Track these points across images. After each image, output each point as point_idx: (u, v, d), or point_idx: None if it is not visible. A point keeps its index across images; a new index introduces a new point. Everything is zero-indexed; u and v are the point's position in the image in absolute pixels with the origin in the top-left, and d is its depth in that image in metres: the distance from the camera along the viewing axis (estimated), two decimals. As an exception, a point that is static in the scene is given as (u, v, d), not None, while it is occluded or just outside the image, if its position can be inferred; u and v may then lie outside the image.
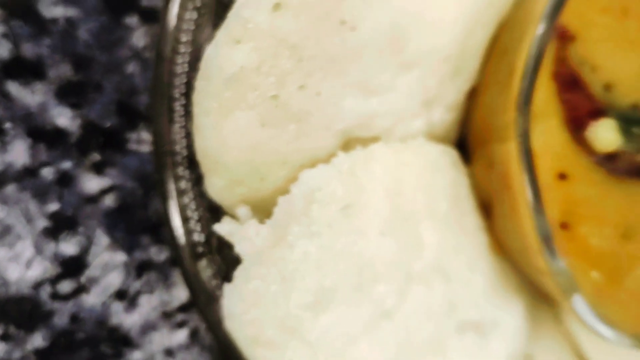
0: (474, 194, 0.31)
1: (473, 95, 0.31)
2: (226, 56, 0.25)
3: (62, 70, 0.30)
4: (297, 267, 0.27)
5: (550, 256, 0.25)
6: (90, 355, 0.31)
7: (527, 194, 0.25)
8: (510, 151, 0.26)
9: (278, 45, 0.25)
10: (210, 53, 0.25)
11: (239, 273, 0.28)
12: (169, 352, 0.32)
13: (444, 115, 0.30)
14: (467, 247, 0.30)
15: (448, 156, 0.30)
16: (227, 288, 0.28)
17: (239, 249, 0.27)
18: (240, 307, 0.28)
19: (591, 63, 0.27)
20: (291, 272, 0.27)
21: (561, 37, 0.26)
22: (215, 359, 0.33)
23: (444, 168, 0.30)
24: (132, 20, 0.31)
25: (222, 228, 0.28)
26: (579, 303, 0.26)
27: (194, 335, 0.33)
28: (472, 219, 0.31)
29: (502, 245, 0.31)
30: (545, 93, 0.26)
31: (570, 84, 0.26)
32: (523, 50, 0.25)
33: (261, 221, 0.28)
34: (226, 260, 0.30)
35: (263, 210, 0.28)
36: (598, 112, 0.27)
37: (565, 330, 0.34)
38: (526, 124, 0.25)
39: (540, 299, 0.33)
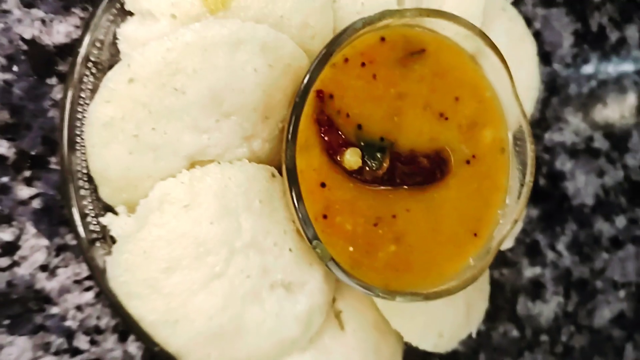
0: (285, 195, 0.46)
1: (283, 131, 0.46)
2: (101, 110, 0.40)
3: (1, 115, 0.44)
4: (154, 244, 0.42)
5: (309, 236, 0.40)
6: (21, 309, 0.45)
7: (292, 197, 0.40)
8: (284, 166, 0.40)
9: (134, 103, 0.40)
10: (92, 108, 0.40)
11: (114, 249, 0.42)
12: (79, 308, 0.47)
13: (263, 145, 0.45)
14: (276, 231, 0.45)
15: (264, 171, 0.45)
16: (108, 260, 0.43)
17: (114, 232, 0.42)
18: (117, 272, 0.42)
19: (345, 111, 0.42)
20: (150, 248, 0.42)
21: (320, 97, 0.41)
22: (112, 309, 0.47)
23: (260, 179, 0.44)
24: (52, 80, 0.46)
25: (105, 220, 0.43)
26: (333, 267, 0.41)
27: (97, 295, 0.47)
28: (282, 212, 0.45)
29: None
30: (308, 132, 0.41)
31: (327, 125, 0.41)
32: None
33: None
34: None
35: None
36: (347, 143, 0.42)
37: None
38: (292, 152, 0.39)
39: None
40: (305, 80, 0.39)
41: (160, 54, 0.38)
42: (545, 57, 0.69)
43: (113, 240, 0.44)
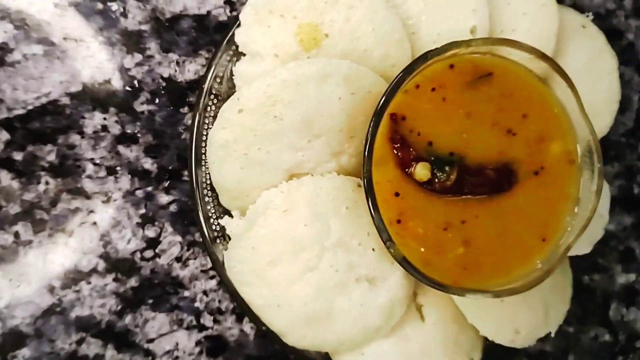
0: (368, 203, 0.53)
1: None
2: (218, 135, 0.50)
3: (146, 138, 0.56)
4: (260, 242, 0.51)
5: (383, 239, 0.47)
6: (161, 292, 0.57)
7: (369, 205, 0.47)
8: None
9: (243, 129, 0.50)
10: (211, 133, 0.51)
11: (230, 245, 0.53)
12: (205, 292, 0.58)
13: (350, 160, 0.53)
14: (360, 233, 0.52)
15: (351, 182, 0.53)
16: (225, 254, 0.53)
17: (229, 231, 0.52)
18: (231, 264, 0.53)
19: (417, 131, 0.49)
20: (256, 244, 0.51)
21: (393, 119, 0.48)
22: (230, 295, 0.57)
23: (346, 188, 0.52)
24: (185, 109, 0.57)
25: (222, 221, 0.53)
26: (404, 265, 0.48)
27: (219, 283, 0.58)
28: (365, 218, 0.53)
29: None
30: (383, 149, 0.48)
31: (400, 143, 0.48)
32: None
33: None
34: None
35: (246, 212, 0.53)
36: (417, 158, 0.49)
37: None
38: (369, 168, 0.47)
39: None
40: (379, 105, 0.47)
41: (262, 89, 0.48)
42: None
43: (230, 238, 0.54)
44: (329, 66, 0.48)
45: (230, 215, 0.54)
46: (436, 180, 0.49)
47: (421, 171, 0.48)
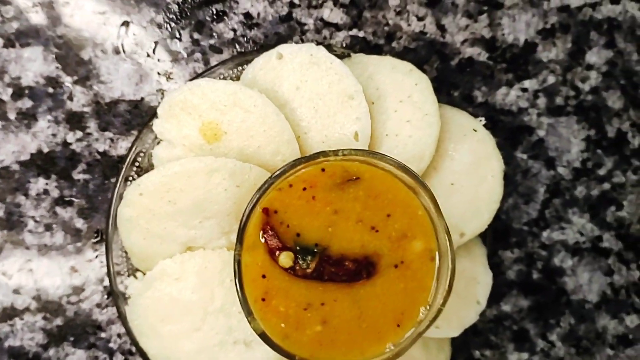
0: (251, 277, 0.62)
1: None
2: (124, 211, 0.60)
3: (80, 202, 0.67)
4: (155, 302, 0.61)
5: (247, 315, 0.56)
6: (81, 331, 0.67)
7: (236, 284, 0.56)
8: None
9: (144, 208, 0.59)
10: (119, 209, 0.60)
11: (130, 302, 0.62)
12: (119, 335, 0.68)
13: (239, 237, 0.62)
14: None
15: (238, 257, 0.62)
16: (127, 308, 0.63)
17: (128, 291, 0.62)
18: (132, 317, 0.62)
19: (287, 223, 0.57)
20: (151, 304, 0.61)
21: (265, 212, 0.57)
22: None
23: (231, 261, 0.61)
24: (115, 179, 0.67)
25: (126, 281, 0.63)
26: (263, 339, 0.56)
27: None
28: (247, 290, 0.61)
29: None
30: (255, 237, 0.56)
31: (270, 234, 0.57)
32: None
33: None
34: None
35: (148, 275, 0.63)
36: (284, 248, 0.57)
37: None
38: (239, 252, 0.56)
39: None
40: (251, 200, 0.55)
41: (158, 178, 0.57)
42: (549, 162, 0.76)
43: (138, 293, 0.64)
44: (216, 163, 0.57)
45: (135, 276, 0.64)
46: (298, 267, 0.57)
47: (284, 259, 0.56)
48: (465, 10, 0.74)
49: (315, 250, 0.57)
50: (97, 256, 0.67)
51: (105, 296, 0.67)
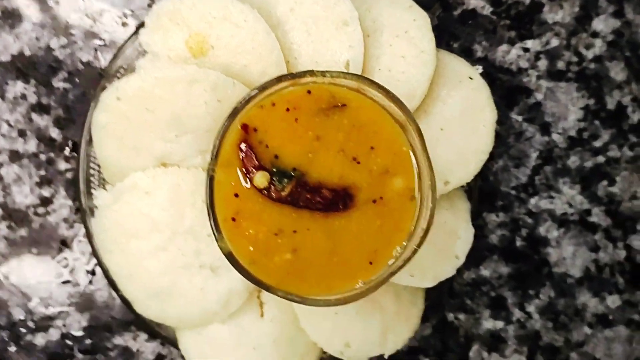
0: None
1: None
2: (98, 117, 0.57)
3: (57, 111, 0.64)
4: (122, 216, 0.58)
5: (215, 233, 0.53)
6: (45, 246, 0.65)
7: (206, 200, 0.53)
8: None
9: (120, 115, 0.56)
10: (94, 114, 0.58)
11: (96, 215, 0.60)
12: (83, 253, 0.65)
13: (216, 158, 0.60)
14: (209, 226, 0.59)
15: (213, 179, 0.59)
16: (92, 221, 0.60)
17: (96, 202, 0.59)
18: (97, 231, 0.59)
19: (265, 143, 0.55)
20: (118, 218, 0.58)
21: (244, 129, 0.54)
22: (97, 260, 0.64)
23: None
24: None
25: (95, 192, 0.60)
26: (229, 259, 0.54)
27: (97, 249, 0.65)
28: (219, 213, 0.59)
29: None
30: (231, 154, 0.54)
31: (247, 151, 0.54)
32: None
33: (111, 192, 0.60)
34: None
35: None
36: (260, 167, 0.54)
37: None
38: (213, 166, 0.53)
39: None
40: (228, 115, 0.53)
41: (138, 82, 0.55)
42: (544, 127, 0.74)
43: (107, 210, 0.61)
44: (198, 73, 0.55)
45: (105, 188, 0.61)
46: (273, 189, 0.55)
47: (259, 179, 0.54)
48: (473, -39, 0.72)
49: (293, 174, 0.55)
50: (68, 170, 0.65)
51: (74, 212, 0.65)
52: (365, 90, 0.55)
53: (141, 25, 0.60)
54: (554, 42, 0.73)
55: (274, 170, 0.55)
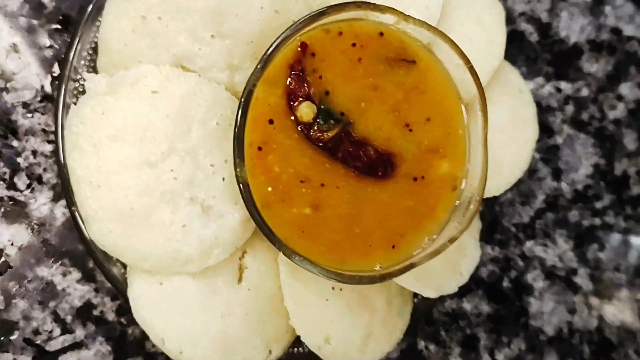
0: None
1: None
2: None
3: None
4: (113, 111, 0.46)
5: (236, 157, 0.43)
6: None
7: (238, 113, 0.43)
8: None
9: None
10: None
11: (81, 99, 0.47)
12: (34, 153, 0.51)
13: (242, 81, 0.49)
14: (218, 156, 0.48)
15: (232, 102, 0.49)
16: (72, 108, 0.48)
17: (86, 85, 0.47)
18: (74, 121, 0.47)
19: (320, 74, 0.46)
20: (108, 111, 0.46)
21: (302, 49, 0.46)
22: (56, 159, 0.50)
23: (225, 106, 0.49)
24: None
25: (85, 74, 0.48)
26: (244, 191, 0.43)
27: (55, 152, 0.52)
28: (230, 144, 0.49)
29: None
30: (279, 71, 0.45)
31: (298, 75, 0.45)
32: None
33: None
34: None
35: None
36: (307, 97, 0.45)
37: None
38: (256, 79, 0.44)
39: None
40: (293, 26, 0.44)
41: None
42: (556, 172, 0.70)
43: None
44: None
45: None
46: (316, 127, 0.46)
47: (305, 110, 0.45)
48: (534, -14, 0.69)
49: (340, 118, 0.47)
50: (50, 46, 0.52)
51: (40, 97, 0.51)
52: (440, 52, 0.49)
53: None
54: (584, 92, 0.71)
55: (322, 107, 0.46)
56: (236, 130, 0.43)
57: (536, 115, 0.60)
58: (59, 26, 0.52)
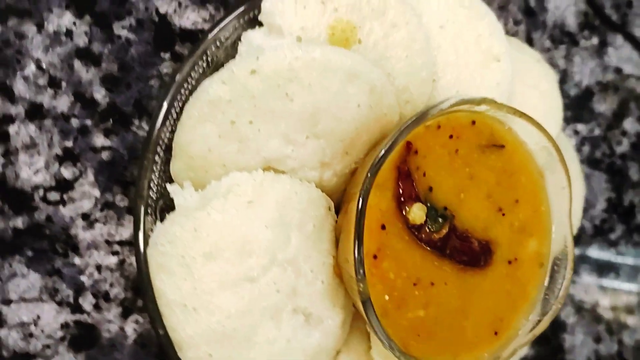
0: (334, 231, 0.47)
1: (353, 174, 0.48)
2: (214, 87, 0.42)
3: (111, 66, 0.47)
4: (207, 227, 0.42)
5: (359, 272, 0.41)
6: (47, 246, 0.45)
7: (355, 226, 0.41)
8: (356, 202, 0.42)
9: (246, 92, 0.42)
10: (205, 83, 0.43)
11: (169, 217, 0.43)
12: (99, 268, 0.46)
13: (332, 177, 0.47)
14: (316, 259, 0.45)
15: (325, 200, 0.47)
16: (158, 226, 0.43)
17: (176, 201, 0.43)
18: (161, 240, 0.42)
19: (424, 170, 0.45)
20: (201, 228, 0.42)
21: (407, 148, 0.44)
22: (127, 287, 0.46)
23: (319, 206, 0.46)
24: (166, 55, 0.49)
25: (171, 187, 0.43)
26: (368, 307, 0.41)
27: (121, 264, 0.47)
28: (326, 245, 0.46)
29: (340, 270, 0.47)
30: (387, 175, 0.43)
31: (405, 176, 0.44)
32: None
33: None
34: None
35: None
36: (417, 198, 0.44)
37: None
38: (369, 186, 0.41)
39: (356, 316, 0.48)
40: (405, 125, 0.42)
41: (287, 58, 0.42)
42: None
43: (161, 213, 0.45)
44: (362, 66, 0.43)
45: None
46: (427, 228, 0.44)
47: (417, 212, 0.43)
48: (551, 34, 0.71)
49: (446, 215, 0.45)
50: (108, 147, 0.46)
51: (100, 207, 0.46)
52: (523, 132, 0.49)
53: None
54: (597, 132, 0.75)
55: (428, 205, 0.45)
56: (356, 246, 0.41)
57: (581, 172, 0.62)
58: (112, 124, 0.46)
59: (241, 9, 0.47)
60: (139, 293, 0.43)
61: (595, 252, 0.74)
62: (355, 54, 0.44)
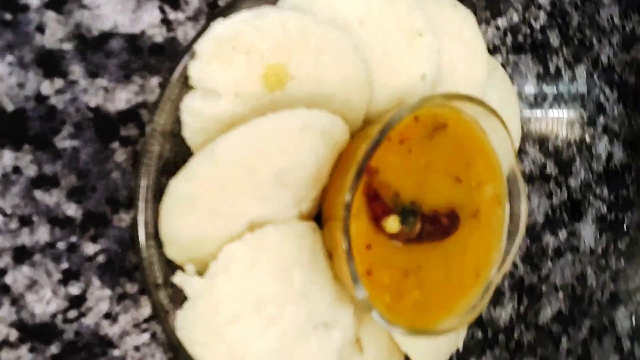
0: (324, 247, 0.53)
1: (324, 193, 0.52)
2: (182, 187, 0.44)
3: (69, 180, 0.47)
4: (221, 300, 0.47)
5: (357, 290, 0.47)
6: (87, 355, 0.49)
7: (346, 257, 0.46)
8: (340, 232, 0.47)
9: (214, 183, 0.45)
10: (173, 183, 0.45)
11: (186, 305, 0.48)
12: (137, 348, 0.52)
13: (309, 205, 0.51)
14: (319, 279, 0.52)
15: (309, 227, 0.51)
16: (179, 313, 0.48)
17: (187, 292, 0.47)
18: (186, 324, 0.48)
19: (387, 184, 0.49)
20: (217, 303, 0.47)
21: (369, 172, 0.48)
22: (166, 350, 0.52)
23: (307, 235, 0.51)
24: (115, 144, 0.49)
25: (176, 279, 0.48)
26: (376, 316, 0.49)
27: (153, 336, 0.52)
28: (322, 262, 0.52)
29: (339, 277, 0.53)
30: (358, 203, 0.48)
31: (374, 198, 0.48)
32: (349, 181, 0.47)
33: (200, 274, 0.48)
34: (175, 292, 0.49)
35: (202, 266, 0.48)
36: (388, 211, 0.49)
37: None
38: (348, 220, 0.46)
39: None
40: (363, 162, 0.46)
41: (242, 141, 0.44)
42: (514, 98, 0.79)
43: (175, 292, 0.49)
44: (310, 118, 0.46)
45: (174, 267, 0.49)
46: (404, 230, 0.50)
47: (392, 224, 0.49)
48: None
49: (416, 210, 0.51)
50: (100, 251, 0.49)
51: (116, 301, 0.50)
52: (459, 105, 0.53)
53: (184, 55, 0.46)
54: (515, 18, 0.78)
55: (401, 210, 0.50)
56: (352, 273, 0.47)
57: (513, 88, 0.67)
58: (95, 230, 0.48)
59: (174, 81, 0.47)
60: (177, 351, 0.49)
61: (535, 126, 0.82)
62: (299, 109, 0.46)
